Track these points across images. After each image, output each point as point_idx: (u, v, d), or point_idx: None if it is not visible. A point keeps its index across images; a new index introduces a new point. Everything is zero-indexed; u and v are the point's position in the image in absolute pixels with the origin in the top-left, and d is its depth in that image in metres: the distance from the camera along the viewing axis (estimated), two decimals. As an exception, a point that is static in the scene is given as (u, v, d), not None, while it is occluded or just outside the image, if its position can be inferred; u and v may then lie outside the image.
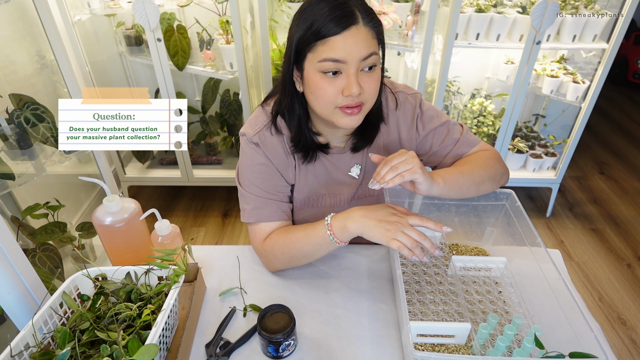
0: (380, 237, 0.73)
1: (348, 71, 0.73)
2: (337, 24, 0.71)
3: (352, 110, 0.77)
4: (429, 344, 0.74)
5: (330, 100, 0.76)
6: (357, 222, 0.76)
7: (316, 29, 0.72)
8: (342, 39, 0.71)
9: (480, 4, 1.89)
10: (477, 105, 2.20)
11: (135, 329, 0.65)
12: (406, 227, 0.73)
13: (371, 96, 0.78)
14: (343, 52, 0.72)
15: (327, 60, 0.73)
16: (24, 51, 1.55)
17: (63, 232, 1.47)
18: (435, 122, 0.94)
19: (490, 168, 0.89)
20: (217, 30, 1.97)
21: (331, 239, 0.78)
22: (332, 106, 0.77)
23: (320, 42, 0.72)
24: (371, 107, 0.81)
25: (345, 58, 0.72)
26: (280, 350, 0.73)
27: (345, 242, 0.79)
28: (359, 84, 0.74)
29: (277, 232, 0.89)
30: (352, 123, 0.79)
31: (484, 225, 0.97)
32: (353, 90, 0.73)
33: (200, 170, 2.30)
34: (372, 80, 0.76)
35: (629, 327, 1.74)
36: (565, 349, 0.65)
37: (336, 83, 0.75)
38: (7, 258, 0.81)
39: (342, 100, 0.76)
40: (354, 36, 0.71)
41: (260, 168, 0.89)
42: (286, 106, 0.85)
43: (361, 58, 0.73)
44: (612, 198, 2.52)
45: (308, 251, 0.83)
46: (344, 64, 0.73)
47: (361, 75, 0.75)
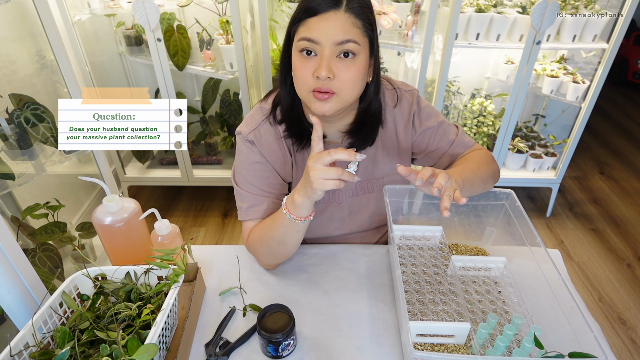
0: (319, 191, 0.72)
1: (322, 53, 0.74)
2: (318, 6, 0.73)
3: (321, 95, 0.76)
4: (428, 343, 0.74)
5: (304, 80, 0.77)
6: (297, 190, 0.76)
7: (301, 9, 0.75)
8: (318, 20, 0.73)
9: (480, 4, 1.89)
10: (477, 105, 2.20)
11: (135, 328, 0.65)
12: (322, 170, 0.71)
13: (345, 86, 0.76)
14: (317, 32, 0.73)
15: (302, 39, 0.74)
16: (24, 51, 1.55)
17: (63, 232, 1.47)
18: (432, 120, 0.94)
19: (490, 166, 0.90)
20: (217, 30, 1.97)
21: (288, 217, 0.78)
22: (307, 88, 0.78)
23: (302, 23, 0.75)
24: (347, 99, 0.79)
25: (319, 39, 0.73)
26: (279, 350, 0.73)
27: (302, 217, 0.78)
28: (329, 68, 0.74)
29: (256, 226, 0.90)
30: (321, 109, 0.78)
31: (484, 225, 0.97)
32: (321, 72, 0.73)
33: (200, 170, 2.30)
34: (347, 68, 0.75)
35: (629, 327, 1.74)
36: (565, 349, 0.65)
37: (310, 64, 0.75)
38: (7, 258, 0.81)
39: (314, 82, 0.76)
40: (331, 19, 0.73)
41: (256, 166, 0.89)
42: (282, 92, 0.86)
43: (335, 42, 0.73)
44: (612, 198, 2.52)
45: (279, 237, 0.83)
46: (318, 45, 0.74)
47: (336, 61, 0.75)
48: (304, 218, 0.78)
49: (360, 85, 0.79)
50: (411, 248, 0.93)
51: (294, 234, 0.82)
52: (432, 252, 0.92)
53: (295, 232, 0.82)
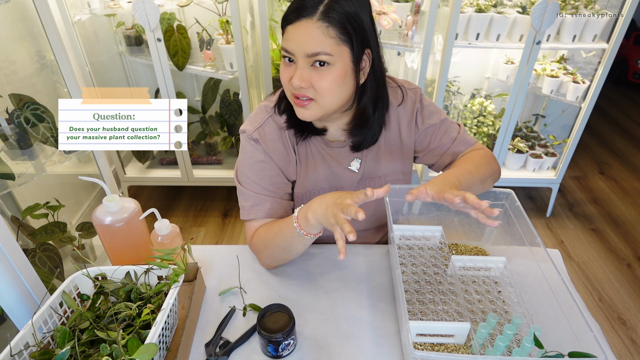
0: (327, 224, 0.72)
1: (298, 63, 0.76)
2: (292, 14, 0.74)
3: (299, 102, 0.79)
4: (428, 343, 0.74)
5: (285, 85, 0.80)
6: (313, 211, 0.75)
7: (284, 15, 0.76)
8: (293, 30, 0.74)
9: (480, 4, 1.89)
10: (477, 105, 2.20)
11: (135, 328, 0.65)
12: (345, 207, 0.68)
13: (324, 92, 0.77)
14: (292, 43, 0.74)
15: (283, 49, 0.77)
16: (24, 51, 1.55)
17: (63, 232, 1.47)
18: (434, 118, 0.94)
19: (490, 166, 0.90)
20: (217, 30, 1.97)
21: (298, 231, 0.77)
22: (289, 93, 0.80)
23: (284, 30, 0.76)
24: (328, 105, 0.79)
25: (293, 50, 0.75)
26: (279, 350, 0.73)
27: (312, 234, 0.77)
28: (302, 78, 0.75)
29: (262, 227, 0.89)
30: (301, 115, 0.80)
31: (484, 225, 0.97)
32: (294, 81, 0.76)
33: (200, 170, 2.30)
34: (320, 77, 0.75)
35: (629, 327, 1.74)
36: (565, 348, 0.65)
37: (289, 70, 0.78)
38: (7, 258, 0.81)
39: (292, 88, 0.78)
40: (301, 29, 0.73)
41: (260, 165, 0.89)
42: None
43: (307, 54, 0.74)
44: (612, 198, 2.52)
45: (285, 245, 0.83)
46: (293, 55, 0.75)
47: (310, 70, 0.76)
48: (314, 235, 0.78)
49: (341, 92, 0.78)
50: (411, 248, 0.93)
51: (301, 246, 0.83)
52: (432, 252, 0.92)
53: (302, 244, 0.82)
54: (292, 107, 0.86)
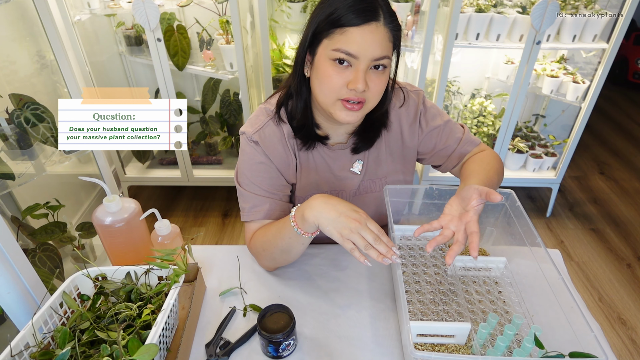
0: (335, 234, 0.71)
1: (358, 66, 0.74)
2: (359, 16, 0.71)
3: (352, 106, 0.77)
4: (429, 343, 0.74)
5: (334, 89, 0.76)
6: (316, 211, 0.73)
7: (337, 16, 0.72)
8: (359, 33, 0.71)
9: (480, 4, 1.89)
10: (477, 105, 2.20)
11: (135, 328, 0.65)
12: (364, 228, 0.70)
13: (374, 96, 0.78)
14: (358, 47, 0.72)
15: (340, 51, 0.73)
16: (24, 51, 1.55)
17: (63, 232, 1.47)
18: (438, 120, 0.95)
19: (498, 166, 0.92)
20: (217, 30, 1.97)
21: (296, 230, 0.76)
22: (335, 97, 0.77)
23: (339, 31, 0.72)
24: (372, 107, 0.81)
25: (359, 54, 0.72)
26: (280, 350, 0.73)
27: (309, 233, 0.76)
28: (365, 81, 0.74)
29: (260, 229, 0.89)
30: (349, 118, 0.79)
31: (484, 225, 0.97)
32: (358, 85, 0.73)
33: (200, 170, 2.30)
34: (379, 80, 0.76)
35: (629, 327, 1.74)
36: (565, 348, 0.65)
37: (344, 74, 0.75)
38: (7, 258, 0.81)
39: (346, 92, 0.76)
40: (372, 33, 0.71)
41: (260, 167, 0.89)
42: (294, 88, 0.85)
43: (374, 58, 0.73)
44: (612, 198, 2.52)
45: (283, 246, 0.82)
46: (355, 59, 0.73)
47: (370, 73, 0.75)
48: (311, 234, 0.78)
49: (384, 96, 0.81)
50: (411, 248, 0.93)
51: (299, 245, 0.82)
52: (432, 252, 0.92)
53: (300, 244, 0.81)
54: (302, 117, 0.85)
